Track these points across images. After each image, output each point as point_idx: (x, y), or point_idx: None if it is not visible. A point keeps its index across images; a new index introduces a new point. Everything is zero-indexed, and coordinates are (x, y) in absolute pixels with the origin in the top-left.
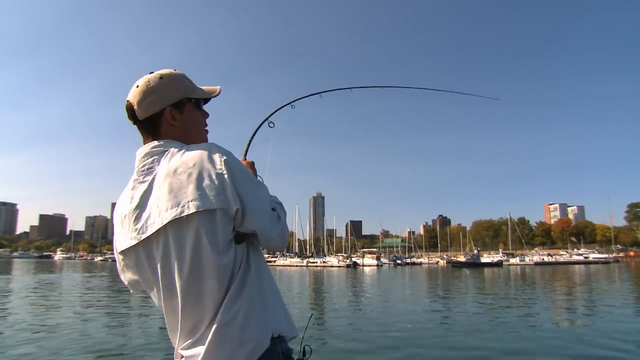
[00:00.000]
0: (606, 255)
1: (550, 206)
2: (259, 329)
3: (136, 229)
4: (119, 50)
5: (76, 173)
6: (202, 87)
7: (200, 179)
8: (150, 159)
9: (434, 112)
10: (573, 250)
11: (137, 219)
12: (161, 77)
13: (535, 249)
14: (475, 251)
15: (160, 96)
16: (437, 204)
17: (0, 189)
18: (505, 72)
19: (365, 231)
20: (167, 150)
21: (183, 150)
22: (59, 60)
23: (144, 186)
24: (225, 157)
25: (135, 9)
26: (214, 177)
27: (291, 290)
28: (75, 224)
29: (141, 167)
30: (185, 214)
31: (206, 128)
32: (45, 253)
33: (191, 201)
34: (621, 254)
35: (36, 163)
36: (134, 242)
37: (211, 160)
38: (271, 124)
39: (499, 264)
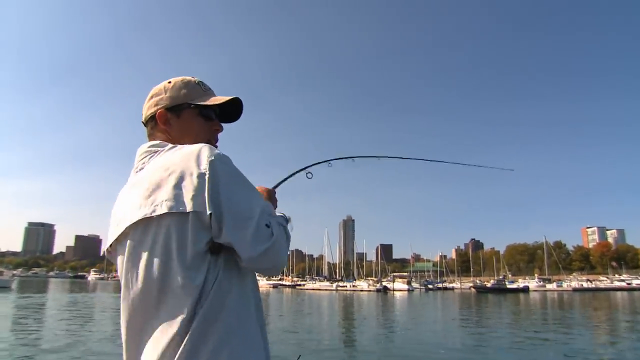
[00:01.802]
0: None
1: (588, 229)
2: None
3: (114, 231)
4: (150, 72)
5: (111, 194)
6: (213, 97)
7: (180, 178)
8: (147, 157)
9: (464, 133)
10: (614, 275)
11: (116, 216)
12: (170, 81)
13: (574, 274)
14: (501, 277)
15: (160, 98)
16: (470, 228)
17: (39, 209)
18: (546, 92)
19: (396, 255)
20: (162, 149)
21: (175, 149)
22: (96, 84)
23: (132, 184)
24: (212, 158)
25: (167, 31)
26: (194, 177)
27: (321, 314)
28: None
29: (136, 166)
30: (156, 213)
31: (216, 143)
32: (79, 273)
33: (165, 200)
34: None
35: (73, 184)
36: (110, 240)
37: (197, 160)
38: (309, 175)
39: (525, 290)
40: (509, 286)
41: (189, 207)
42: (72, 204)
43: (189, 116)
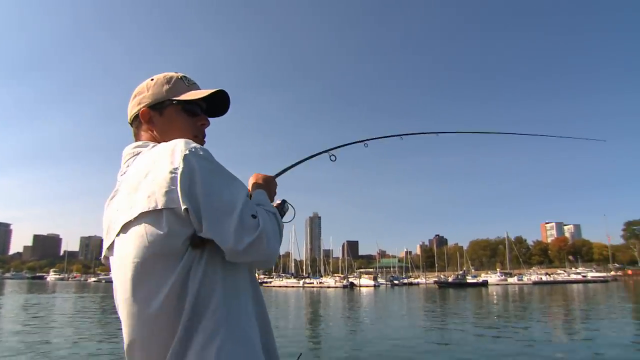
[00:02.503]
0: (604, 274)
1: (547, 225)
2: None
3: (106, 238)
4: (116, 70)
5: (72, 193)
6: (195, 91)
7: (154, 176)
8: (131, 159)
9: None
10: (571, 269)
11: (106, 225)
12: (152, 78)
13: (533, 268)
14: (462, 272)
15: (142, 97)
16: (434, 224)
17: None
18: (501, 92)
19: (362, 251)
20: (145, 149)
21: (153, 147)
22: (57, 81)
23: (118, 188)
24: (186, 152)
25: (133, 30)
26: (167, 173)
27: (287, 311)
28: (70, 244)
29: (122, 169)
30: (133, 216)
31: (204, 137)
32: (38, 274)
33: (140, 201)
34: (619, 273)
35: (32, 183)
36: (104, 248)
37: (171, 155)
38: (333, 157)
39: (484, 284)
40: (469, 281)
41: (160, 204)
42: (30, 203)
43: (173, 113)
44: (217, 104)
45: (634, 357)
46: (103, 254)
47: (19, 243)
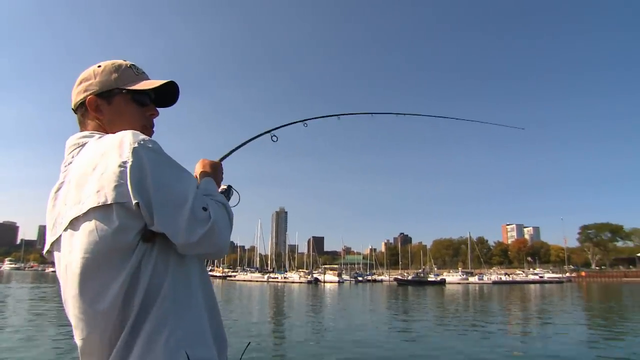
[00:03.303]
0: (560, 275)
1: (508, 227)
2: (167, 353)
3: (52, 232)
4: (81, 54)
5: (29, 179)
6: (146, 81)
7: (102, 170)
8: (77, 150)
9: (396, 130)
10: (529, 269)
11: (52, 218)
12: (100, 65)
13: (494, 268)
14: (420, 270)
15: (89, 84)
16: (399, 222)
17: None
18: (465, 93)
19: (328, 247)
20: (90, 139)
21: (99, 139)
22: (16, 62)
23: (63, 180)
24: (135, 145)
25: (101, 14)
26: (116, 166)
27: (251, 306)
28: (27, 232)
29: (66, 159)
30: (82, 211)
31: (152, 128)
32: None
33: (89, 196)
34: (573, 274)
35: None
36: (48, 243)
37: (120, 148)
38: (274, 138)
39: (442, 283)
40: (428, 279)
41: (110, 198)
42: None
43: (121, 102)
44: (167, 94)
45: (584, 353)
46: (46, 248)
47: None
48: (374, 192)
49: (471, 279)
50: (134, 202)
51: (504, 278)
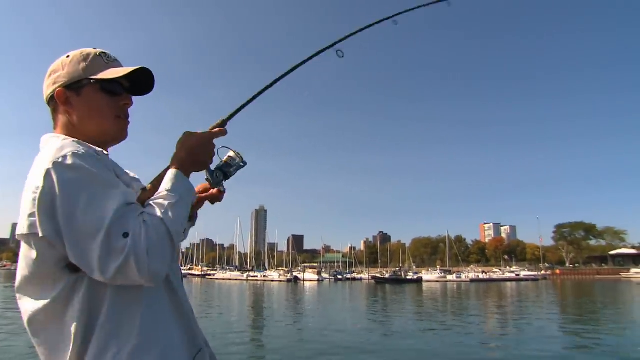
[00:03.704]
0: (535, 273)
1: (485, 225)
2: None
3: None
4: (57, 48)
5: (2, 175)
6: (117, 69)
7: (24, 194)
8: (37, 156)
9: (375, 129)
10: (506, 267)
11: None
12: (68, 55)
13: (471, 266)
14: (397, 268)
15: (58, 76)
16: (378, 221)
17: None
18: (442, 92)
19: (307, 246)
20: (41, 149)
21: (42, 149)
22: None
23: None
24: (49, 166)
25: (78, 6)
26: (30, 193)
27: (230, 304)
28: None
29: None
30: (17, 234)
31: (127, 118)
32: None
33: (19, 221)
34: (548, 272)
35: None
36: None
37: (38, 168)
38: (340, 53)
39: (419, 281)
40: (405, 277)
41: (24, 228)
42: None
43: (91, 93)
44: (142, 82)
45: (557, 349)
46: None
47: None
48: (354, 191)
49: (449, 277)
50: (40, 235)
51: (481, 276)
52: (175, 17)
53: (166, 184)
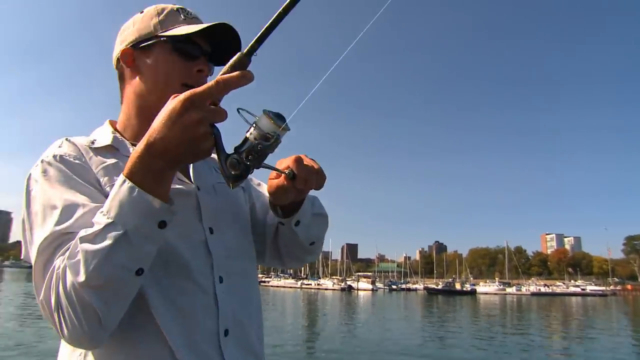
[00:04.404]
0: (603, 288)
1: (547, 236)
2: None
3: None
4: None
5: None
6: (189, 25)
7: None
8: None
9: (432, 136)
10: (570, 281)
11: None
12: (142, 11)
13: (532, 279)
14: (451, 279)
15: (127, 33)
16: (434, 230)
17: None
18: (502, 101)
19: (361, 255)
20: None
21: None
22: (62, 68)
23: None
24: (31, 170)
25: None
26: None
27: (284, 312)
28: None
29: None
30: None
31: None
32: None
33: None
34: (618, 287)
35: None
36: None
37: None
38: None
39: (472, 292)
40: (458, 288)
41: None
42: None
43: (160, 53)
44: (224, 46)
45: None
46: None
47: (19, 232)
48: (409, 199)
49: (508, 290)
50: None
51: (543, 289)
52: None
53: (106, 201)
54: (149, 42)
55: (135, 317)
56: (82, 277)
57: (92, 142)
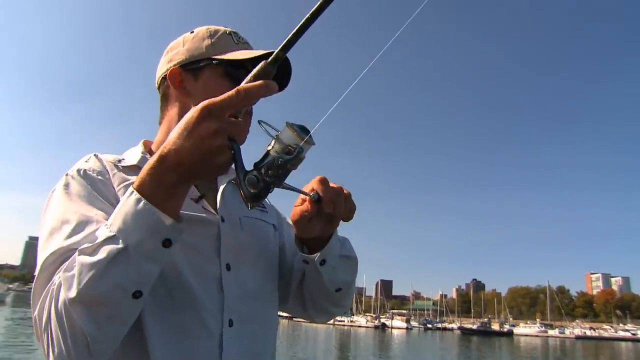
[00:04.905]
0: None
1: (592, 276)
2: None
3: None
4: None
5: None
6: (244, 51)
7: None
8: None
9: (470, 171)
10: (618, 324)
11: None
12: (192, 31)
13: (577, 320)
14: (486, 319)
15: (176, 53)
16: (471, 267)
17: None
18: (545, 136)
19: (396, 291)
20: None
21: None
22: (109, 103)
23: None
24: (55, 186)
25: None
26: None
27: (316, 350)
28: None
29: None
30: None
31: (250, 116)
32: None
33: None
34: None
35: None
36: None
37: None
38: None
39: (509, 334)
40: (495, 329)
41: None
42: None
43: (211, 77)
44: (275, 73)
45: None
46: None
47: None
48: (446, 235)
49: (551, 332)
50: None
51: (589, 333)
52: None
53: (112, 214)
54: (200, 64)
55: (130, 353)
56: (73, 292)
57: (120, 161)
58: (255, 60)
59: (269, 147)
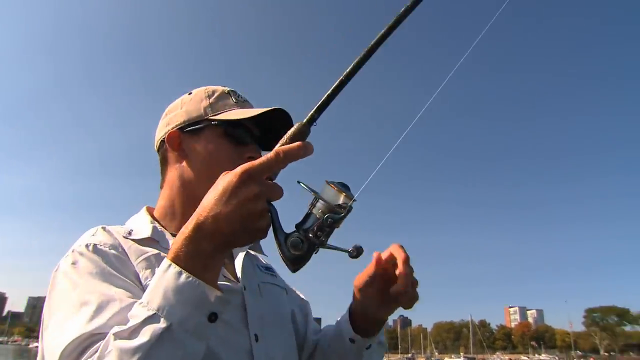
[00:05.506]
0: None
1: (510, 309)
2: None
3: None
4: (94, 126)
5: (26, 249)
6: (242, 110)
7: None
8: None
9: (395, 210)
10: (534, 355)
11: None
12: (190, 92)
13: (497, 353)
14: (410, 355)
15: (174, 115)
16: None
17: None
18: (462, 174)
19: None
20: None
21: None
22: (28, 132)
23: None
24: (61, 261)
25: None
26: None
27: None
28: (16, 304)
29: None
30: None
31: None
32: None
33: None
34: None
35: None
36: None
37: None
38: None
39: None
40: None
41: None
42: None
43: (210, 138)
44: (274, 130)
45: None
46: None
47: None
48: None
49: None
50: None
51: None
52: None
53: (147, 291)
54: (198, 126)
55: None
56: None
57: (129, 233)
58: (255, 119)
59: (312, 208)
